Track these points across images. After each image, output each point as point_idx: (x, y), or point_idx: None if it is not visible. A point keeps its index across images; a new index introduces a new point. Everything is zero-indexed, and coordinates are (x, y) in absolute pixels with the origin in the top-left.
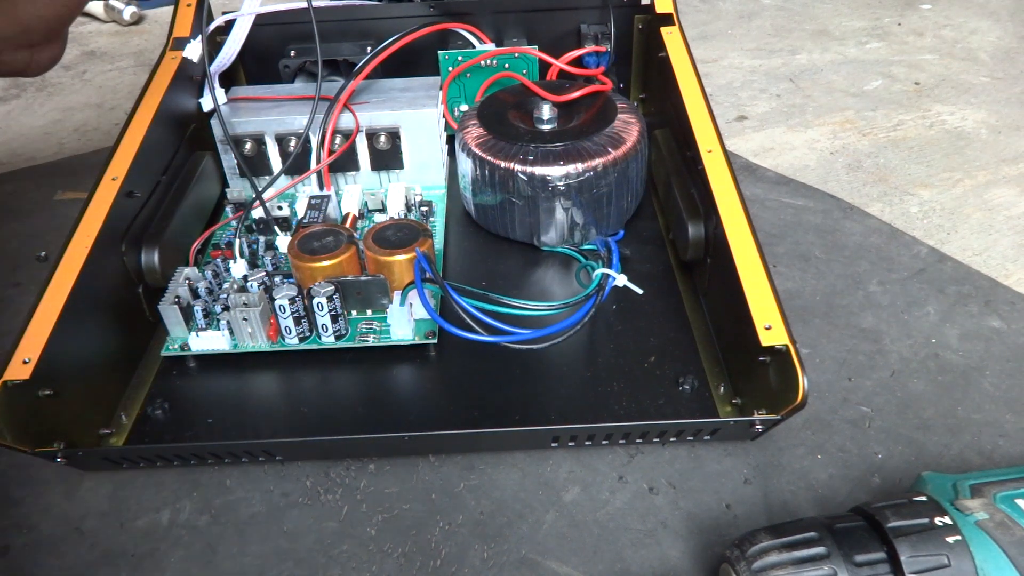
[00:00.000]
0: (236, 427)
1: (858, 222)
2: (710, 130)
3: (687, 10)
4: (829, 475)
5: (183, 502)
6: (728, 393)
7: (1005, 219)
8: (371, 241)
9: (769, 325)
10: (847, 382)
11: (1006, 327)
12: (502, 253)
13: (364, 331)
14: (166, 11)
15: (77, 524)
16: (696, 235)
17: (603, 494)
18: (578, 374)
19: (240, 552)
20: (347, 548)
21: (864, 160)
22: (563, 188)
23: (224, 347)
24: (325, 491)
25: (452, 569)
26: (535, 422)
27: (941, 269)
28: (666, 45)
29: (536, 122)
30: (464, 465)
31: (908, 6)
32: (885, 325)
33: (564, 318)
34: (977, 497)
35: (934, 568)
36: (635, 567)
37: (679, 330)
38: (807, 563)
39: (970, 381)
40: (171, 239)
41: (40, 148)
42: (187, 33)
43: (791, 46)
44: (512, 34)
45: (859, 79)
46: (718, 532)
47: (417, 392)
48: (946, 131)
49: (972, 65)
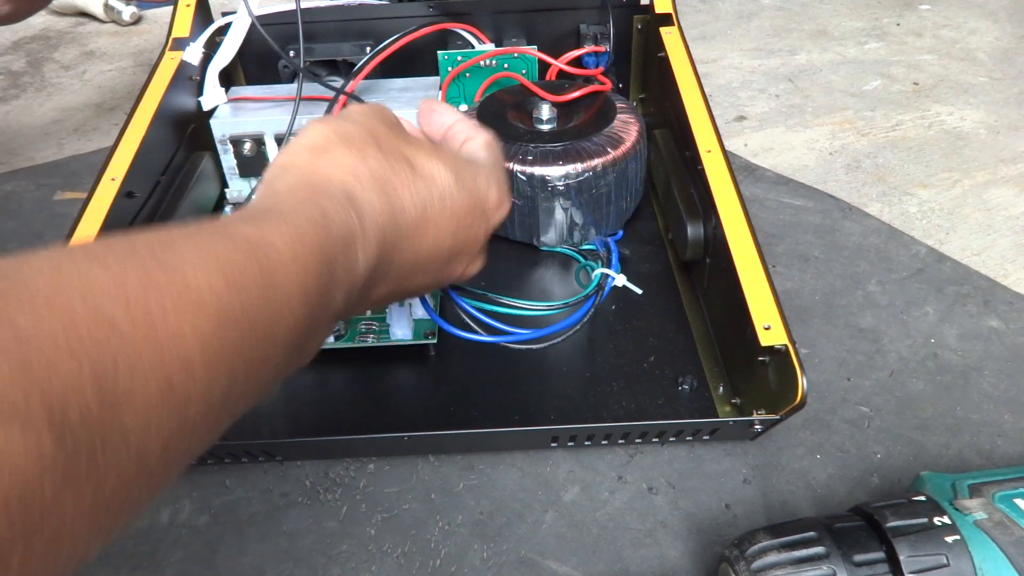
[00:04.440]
0: (236, 427)
1: (857, 222)
2: (709, 130)
3: (686, 10)
4: (828, 475)
5: (182, 502)
6: (727, 393)
7: (1004, 219)
8: None
9: (768, 325)
10: (846, 382)
11: (1005, 327)
12: (502, 253)
13: (363, 331)
14: (166, 11)
15: None
16: (695, 235)
17: (602, 494)
18: (578, 374)
19: (239, 552)
20: (347, 548)
21: (863, 160)
22: (562, 188)
23: None
24: (324, 491)
25: (452, 569)
26: (535, 422)
27: (940, 269)
28: (665, 45)
29: (535, 122)
30: (464, 465)
31: (907, 6)
32: (884, 325)
33: (563, 318)
34: (976, 497)
35: (933, 568)
36: (634, 567)
37: (678, 330)
38: (806, 563)
39: (969, 381)
40: None
41: (40, 148)
42: (187, 33)
43: (790, 46)
44: (511, 34)
45: (858, 79)
46: (717, 532)
47: (416, 392)
48: (945, 131)
49: (971, 65)
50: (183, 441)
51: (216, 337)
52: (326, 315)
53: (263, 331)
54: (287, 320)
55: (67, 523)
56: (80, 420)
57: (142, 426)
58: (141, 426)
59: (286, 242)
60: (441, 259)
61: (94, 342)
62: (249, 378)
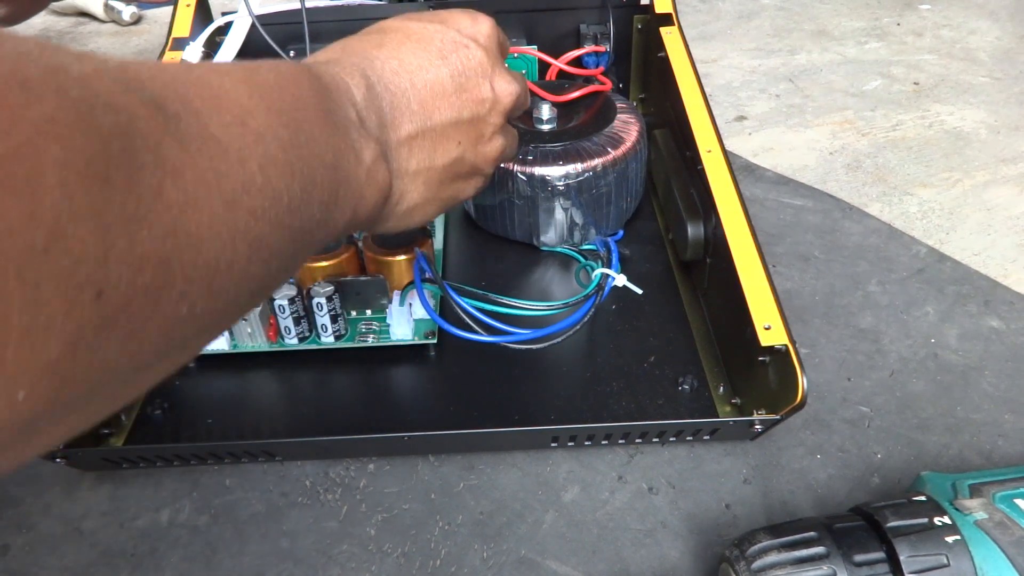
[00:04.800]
0: (235, 427)
1: (857, 222)
2: (709, 130)
3: (687, 10)
4: (828, 475)
5: (183, 502)
6: (727, 393)
7: (1004, 219)
8: (370, 241)
9: (768, 325)
10: (846, 382)
11: (1005, 327)
12: (502, 253)
13: (364, 331)
14: (165, 11)
15: (77, 524)
16: (695, 235)
17: (603, 494)
18: (578, 374)
19: (239, 552)
20: (347, 548)
21: (863, 160)
22: (562, 188)
23: (223, 347)
24: (325, 491)
25: (452, 569)
26: (535, 422)
27: (940, 269)
28: (665, 45)
29: (535, 122)
30: (464, 465)
31: (907, 6)
32: (884, 325)
33: (563, 318)
34: (976, 497)
35: (933, 568)
36: (634, 567)
37: (678, 330)
38: (806, 563)
39: (969, 381)
40: None
41: None
42: (187, 33)
43: (790, 46)
44: (512, 34)
45: (858, 79)
46: (717, 532)
47: (417, 392)
48: (945, 131)
49: (971, 65)
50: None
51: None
52: (347, 141)
53: (303, 140)
54: (317, 134)
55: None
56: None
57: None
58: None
59: (268, 68)
60: (442, 83)
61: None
62: (304, 193)
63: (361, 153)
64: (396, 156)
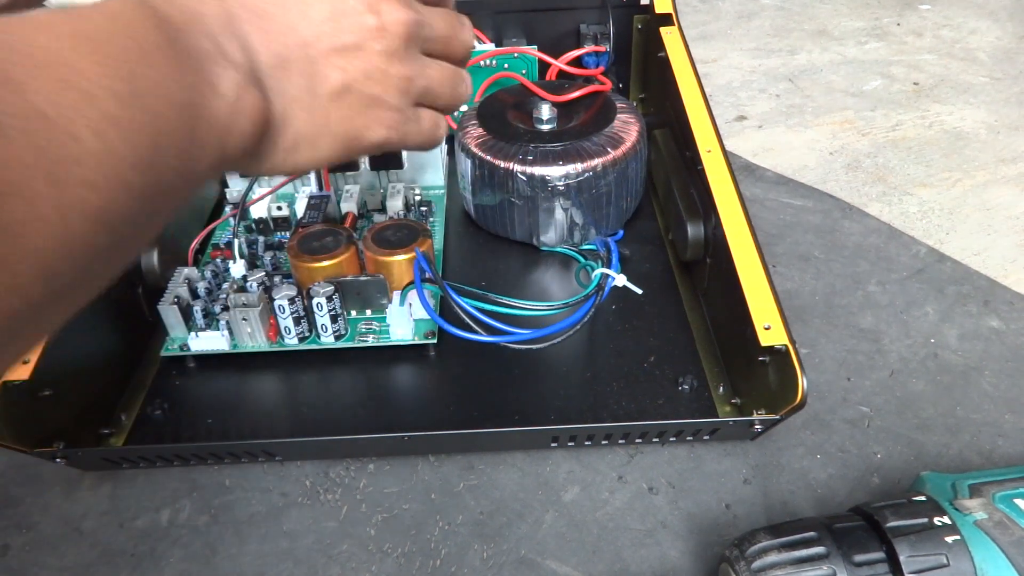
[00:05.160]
0: (236, 427)
1: (857, 222)
2: (709, 130)
3: (687, 10)
4: (828, 475)
5: (182, 502)
6: (727, 393)
7: (1004, 219)
8: (370, 241)
9: (768, 325)
10: (846, 382)
11: (1005, 327)
12: (502, 253)
13: (364, 331)
14: None
15: (77, 524)
16: (695, 235)
17: (603, 494)
18: (578, 374)
19: (239, 552)
20: (347, 548)
21: (863, 160)
22: (562, 188)
23: (223, 347)
24: (325, 491)
25: (452, 569)
26: (535, 422)
27: (940, 269)
28: (665, 45)
29: (535, 122)
30: (464, 465)
31: (907, 6)
32: (884, 325)
33: (563, 318)
34: (976, 497)
35: (933, 568)
36: (634, 567)
37: (678, 330)
38: (806, 563)
39: (969, 381)
40: (170, 239)
41: None
42: None
43: (790, 46)
44: (511, 34)
45: (858, 79)
46: (717, 532)
47: (417, 392)
48: (945, 131)
49: (971, 65)
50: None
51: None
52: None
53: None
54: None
55: None
56: None
57: None
58: None
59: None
60: (312, 4)
61: None
62: (154, 146)
63: (219, 84)
64: (269, 80)
